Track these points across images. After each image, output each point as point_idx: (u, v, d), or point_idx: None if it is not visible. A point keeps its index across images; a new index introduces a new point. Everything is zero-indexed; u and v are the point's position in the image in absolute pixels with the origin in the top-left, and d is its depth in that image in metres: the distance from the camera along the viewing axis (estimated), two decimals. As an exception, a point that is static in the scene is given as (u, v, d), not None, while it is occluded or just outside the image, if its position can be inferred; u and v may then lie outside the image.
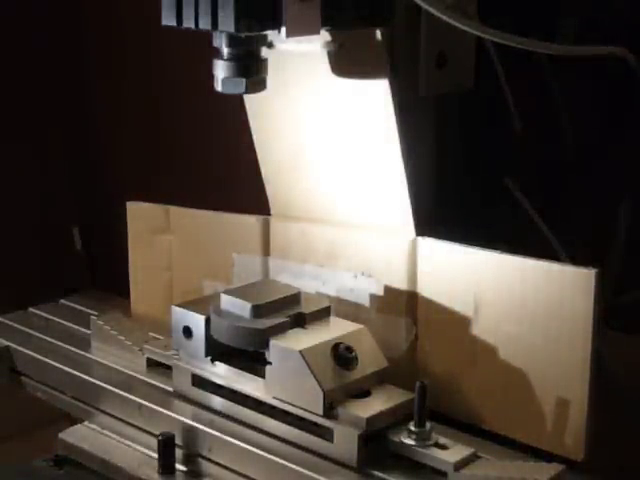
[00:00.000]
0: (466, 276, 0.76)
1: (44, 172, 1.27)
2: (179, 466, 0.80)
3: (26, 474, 0.89)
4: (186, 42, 0.80)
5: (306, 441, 0.77)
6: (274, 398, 0.78)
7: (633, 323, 0.81)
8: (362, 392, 0.77)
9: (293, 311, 0.80)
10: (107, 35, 1.24)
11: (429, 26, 0.77)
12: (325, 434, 0.75)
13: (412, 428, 0.73)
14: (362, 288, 0.81)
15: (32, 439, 1.12)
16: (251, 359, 0.80)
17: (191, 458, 0.80)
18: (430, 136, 0.83)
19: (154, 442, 0.79)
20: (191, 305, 0.84)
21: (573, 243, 0.89)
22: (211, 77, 0.68)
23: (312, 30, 0.65)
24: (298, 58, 0.75)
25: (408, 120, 0.78)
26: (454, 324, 0.77)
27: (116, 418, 0.87)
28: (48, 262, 1.28)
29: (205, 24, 0.62)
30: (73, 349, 0.97)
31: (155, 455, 0.79)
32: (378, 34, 0.73)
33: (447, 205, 0.84)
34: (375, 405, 0.76)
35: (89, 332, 0.97)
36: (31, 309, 1.08)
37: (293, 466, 0.75)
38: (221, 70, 0.66)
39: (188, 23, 0.62)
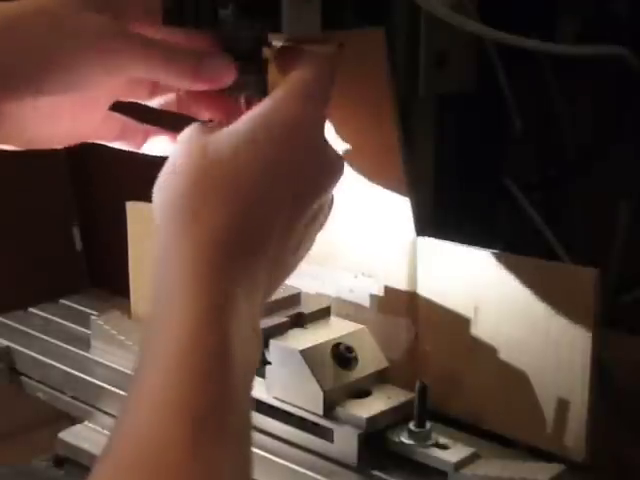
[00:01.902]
0: (466, 276, 0.76)
1: (44, 172, 1.27)
2: (179, 466, 0.79)
3: (26, 474, 0.89)
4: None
5: (306, 441, 0.77)
6: (274, 398, 0.78)
7: (633, 323, 0.81)
8: (362, 392, 0.77)
9: (293, 311, 0.81)
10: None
11: (429, 26, 0.77)
12: (325, 434, 0.75)
13: (412, 428, 0.73)
14: (362, 288, 0.81)
15: (32, 439, 1.12)
16: (251, 359, 0.80)
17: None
18: (430, 136, 0.83)
19: (154, 442, 0.79)
20: (191, 305, 0.84)
21: (573, 243, 0.89)
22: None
23: (312, 30, 0.65)
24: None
25: (408, 120, 0.78)
26: (454, 324, 0.77)
27: (116, 418, 0.87)
28: (48, 262, 1.28)
29: (205, 24, 0.62)
30: (73, 349, 0.97)
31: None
32: (378, 34, 0.73)
33: (447, 205, 0.84)
34: (375, 405, 0.76)
35: (89, 332, 0.97)
36: (31, 309, 1.08)
37: (293, 466, 0.75)
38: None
39: (189, 23, 0.62)
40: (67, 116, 0.64)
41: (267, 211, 0.54)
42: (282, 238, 0.56)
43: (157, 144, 0.69)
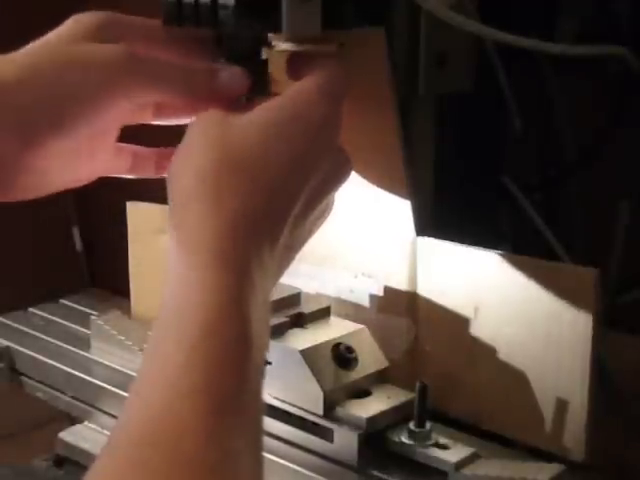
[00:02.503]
0: (466, 276, 0.76)
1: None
2: (179, 466, 0.79)
3: (26, 474, 0.89)
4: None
5: (306, 441, 0.77)
6: (274, 398, 0.78)
7: (633, 323, 0.81)
8: (362, 392, 0.77)
9: (293, 311, 0.81)
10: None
11: (429, 26, 0.77)
12: (325, 434, 0.75)
13: (412, 428, 0.73)
14: (362, 288, 0.81)
15: (32, 439, 1.12)
16: (251, 359, 0.80)
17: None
18: (430, 136, 0.83)
19: (154, 442, 0.79)
20: (191, 305, 0.84)
21: (573, 243, 0.89)
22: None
23: (312, 30, 0.65)
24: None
25: (408, 120, 0.78)
26: (454, 324, 0.77)
27: (116, 418, 0.87)
28: (48, 262, 1.28)
29: (205, 25, 0.62)
30: (73, 349, 0.97)
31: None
32: (378, 34, 0.73)
33: (447, 205, 0.84)
34: (375, 405, 0.76)
35: (89, 332, 0.97)
36: (31, 309, 1.08)
37: (293, 466, 0.75)
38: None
39: (189, 24, 0.62)
40: (85, 156, 0.63)
41: (286, 201, 0.55)
42: (294, 229, 0.56)
43: None
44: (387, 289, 0.80)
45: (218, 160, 0.54)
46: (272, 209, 0.54)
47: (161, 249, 0.96)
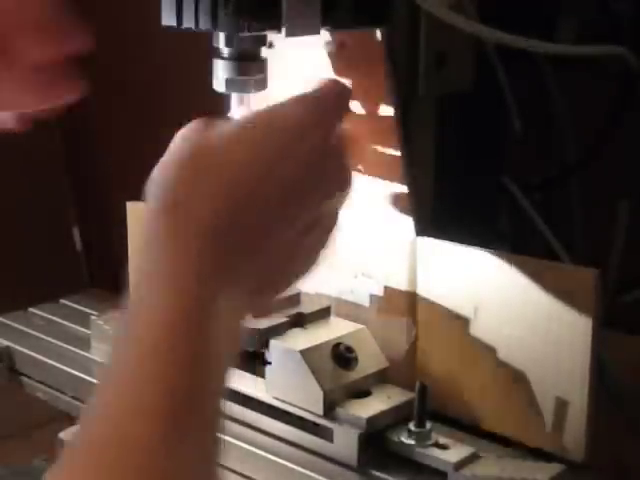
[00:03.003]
0: (466, 276, 0.75)
1: (44, 172, 1.27)
2: (179, 466, 0.79)
3: (26, 474, 0.89)
4: (184, 44, 0.79)
5: (306, 441, 0.77)
6: (274, 398, 0.78)
7: (633, 323, 0.81)
8: (362, 392, 0.77)
9: (293, 311, 0.81)
10: (107, 43, 1.24)
11: (429, 26, 0.77)
12: (325, 434, 0.75)
13: (412, 428, 0.73)
14: (362, 288, 0.81)
15: (32, 439, 1.12)
16: (251, 359, 0.80)
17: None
18: (430, 136, 0.83)
19: (154, 442, 0.79)
20: (191, 305, 0.84)
21: (573, 243, 0.89)
22: (210, 77, 0.68)
23: (312, 30, 0.65)
24: (298, 58, 0.75)
25: (408, 120, 0.78)
26: (454, 324, 0.77)
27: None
28: (48, 262, 1.28)
29: (205, 24, 0.62)
30: (73, 349, 0.97)
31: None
32: (378, 34, 0.73)
33: (447, 205, 0.84)
34: (375, 405, 0.76)
35: (89, 332, 0.97)
36: (31, 309, 1.08)
37: (293, 466, 0.75)
38: (223, 70, 0.66)
39: (188, 23, 0.62)
40: None
41: (256, 215, 0.54)
42: (272, 245, 0.55)
43: None
44: (387, 289, 0.80)
45: (186, 172, 0.54)
46: (239, 219, 0.53)
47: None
